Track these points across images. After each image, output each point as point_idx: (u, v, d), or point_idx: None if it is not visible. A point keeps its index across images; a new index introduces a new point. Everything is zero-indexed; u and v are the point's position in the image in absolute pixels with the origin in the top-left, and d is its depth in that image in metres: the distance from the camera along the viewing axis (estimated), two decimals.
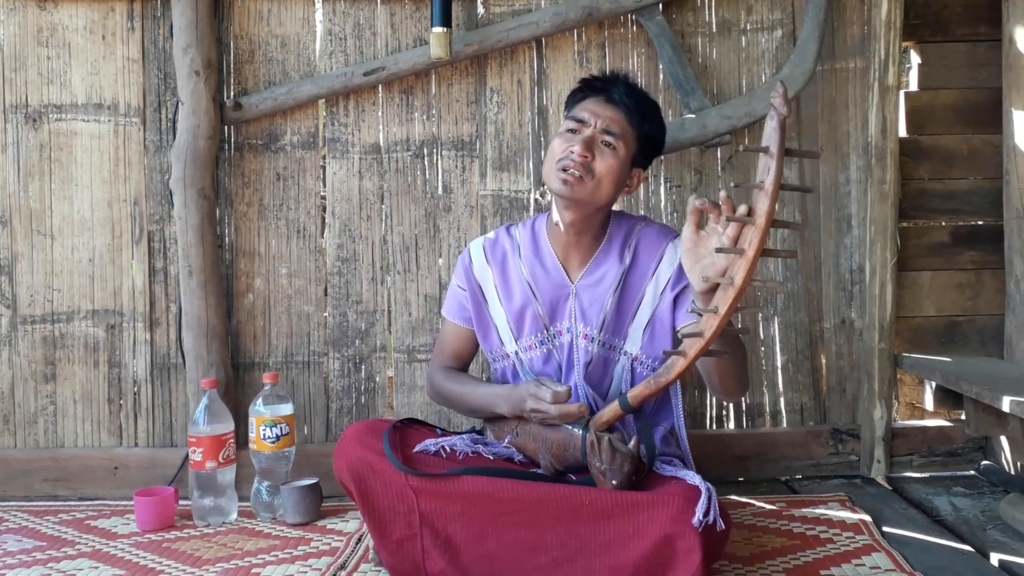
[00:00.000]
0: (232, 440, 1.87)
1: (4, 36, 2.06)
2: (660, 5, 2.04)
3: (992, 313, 2.11)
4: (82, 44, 2.07)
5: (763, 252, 1.25)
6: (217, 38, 2.04)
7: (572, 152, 1.52)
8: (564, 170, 1.52)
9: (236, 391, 2.08)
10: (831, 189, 2.11)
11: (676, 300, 1.60)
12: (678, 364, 1.37)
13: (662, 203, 2.12)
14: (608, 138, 1.54)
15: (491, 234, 1.74)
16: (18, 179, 2.07)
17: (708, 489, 1.33)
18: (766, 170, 1.24)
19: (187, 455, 1.89)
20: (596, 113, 1.55)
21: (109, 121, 2.07)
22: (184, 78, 1.99)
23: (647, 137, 1.59)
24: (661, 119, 1.63)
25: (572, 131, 1.55)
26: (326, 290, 2.13)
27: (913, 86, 2.14)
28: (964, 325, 2.12)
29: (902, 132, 2.08)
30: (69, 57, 2.07)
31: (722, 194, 1.28)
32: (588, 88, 1.61)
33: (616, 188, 1.56)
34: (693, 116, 2.02)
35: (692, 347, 1.34)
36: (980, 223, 2.11)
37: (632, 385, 1.62)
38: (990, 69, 2.08)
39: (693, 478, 1.40)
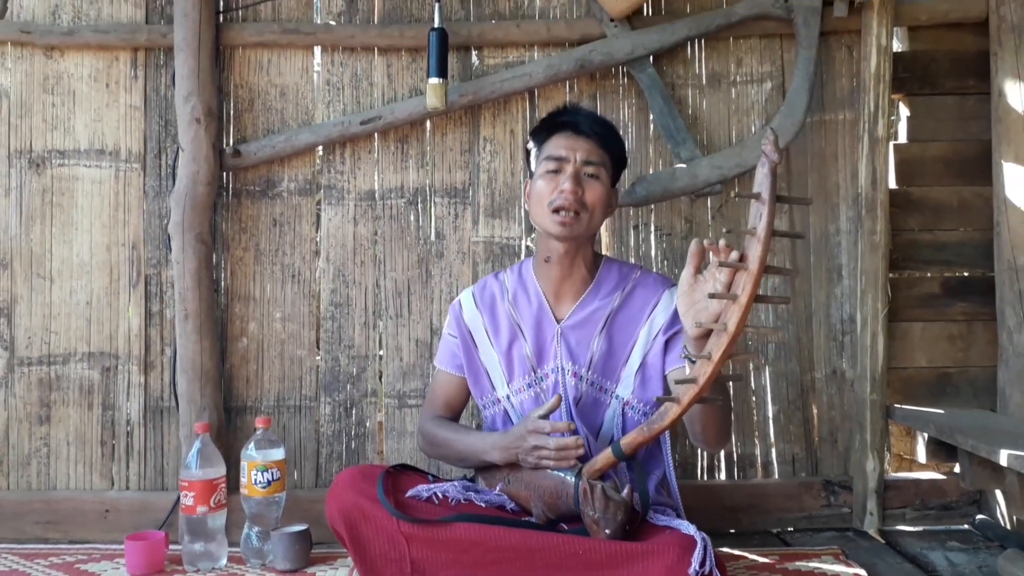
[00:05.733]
0: (223, 485, 1.87)
1: (11, 84, 2.11)
2: (651, 57, 2.07)
3: (984, 365, 2.09)
4: (86, 91, 2.12)
5: (756, 298, 1.26)
6: (218, 87, 2.08)
7: (563, 192, 1.56)
8: (558, 211, 1.56)
9: (228, 435, 2.08)
10: (821, 239, 2.12)
11: (667, 344, 1.62)
12: (672, 411, 1.37)
13: (652, 251, 2.13)
14: (590, 168, 1.59)
15: (479, 281, 1.78)
16: (20, 223, 2.11)
17: (704, 539, 1.32)
18: (758, 216, 1.26)
19: (178, 499, 1.89)
20: (572, 147, 1.59)
21: (110, 167, 2.12)
22: (185, 125, 2.03)
23: (617, 157, 1.67)
24: (620, 136, 1.70)
25: (554, 171, 1.59)
26: (319, 335, 2.15)
27: (903, 138, 2.16)
28: (956, 377, 2.11)
29: (892, 183, 2.09)
30: (73, 104, 2.12)
31: (721, 242, 1.30)
32: (554, 125, 1.64)
33: (605, 213, 1.63)
34: (684, 166, 2.05)
35: (686, 394, 1.34)
36: (971, 275, 2.11)
37: (623, 429, 1.63)
38: (979, 122, 2.09)
39: (688, 528, 1.39)
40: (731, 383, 1.70)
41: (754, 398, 2.12)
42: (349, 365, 2.13)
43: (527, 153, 1.71)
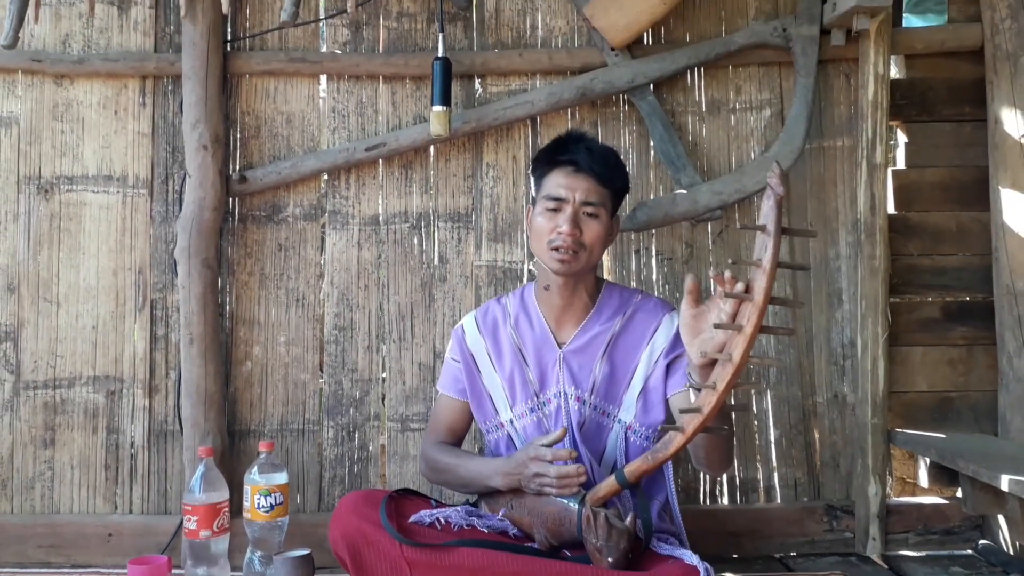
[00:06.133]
0: (227, 509, 1.87)
1: (21, 111, 2.15)
2: (651, 85, 2.10)
3: (985, 389, 2.10)
4: (95, 119, 2.15)
5: (761, 329, 1.27)
6: (225, 114, 2.12)
7: (561, 233, 1.57)
8: (557, 250, 1.57)
9: (231, 459, 2.09)
10: (821, 264, 2.13)
11: (669, 367, 1.63)
12: (676, 440, 1.37)
13: (654, 275, 2.15)
14: (589, 208, 1.59)
15: (482, 306, 1.79)
16: (28, 248, 2.13)
17: (707, 570, 1.32)
18: (763, 248, 1.28)
19: (181, 523, 1.89)
20: (571, 187, 1.59)
21: (118, 192, 2.14)
22: (192, 152, 2.06)
23: (619, 189, 1.66)
24: (623, 164, 1.68)
25: (553, 210, 1.59)
26: (322, 358, 2.16)
27: (901, 164, 2.18)
28: (957, 401, 2.12)
29: (891, 209, 2.11)
30: (82, 131, 2.15)
31: (727, 273, 1.31)
32: (554, 159, 1.63)
33: (605, 245, 1.64)
34: (684, 191, 2.07)
35: (690, 423, 1.35)
36: (970, 299, 2.12)
37: (626, 453, 1.64)
38: (976, 148, 2.12)
39: (691, 558, 1.39)
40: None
41: (756, 422, 2.12)
42: (352, 389, 2.14)
43: (530, 178, 1.73)
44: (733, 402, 1.38)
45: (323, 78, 2.17)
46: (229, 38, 2.13)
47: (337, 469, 2.14)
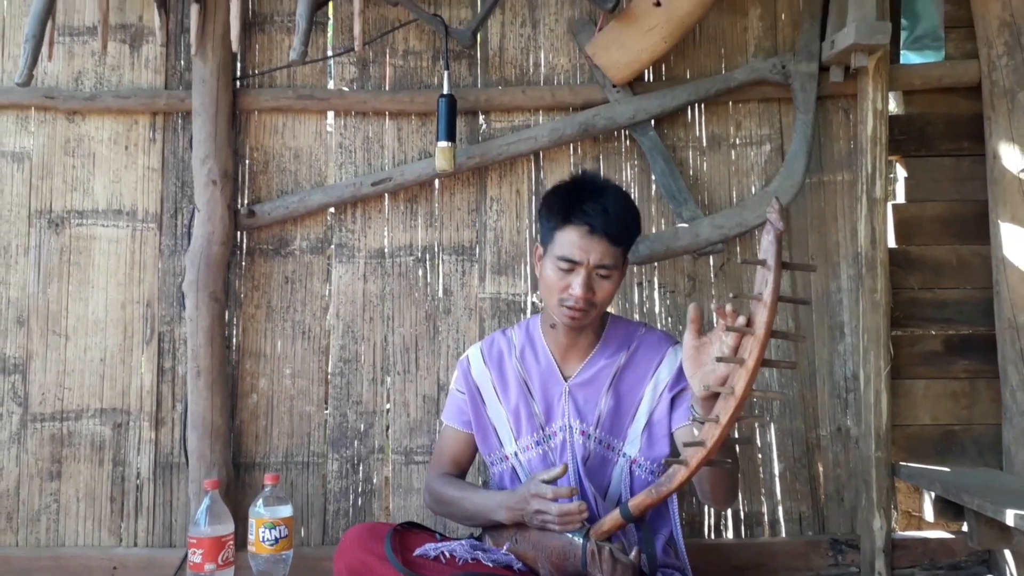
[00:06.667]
0: (232, 542, 1.88)
1: (34, 146, 2.19)
2: (652, 121, 2.14)
3: (989, 423, 2.10)
4: (106, 154, 2.19)
5: (763, 363, 1.28)
6: (234, 149, 2.15)
7: (573, 294, 1.55)
8: (568, 308, 1.57)
9: (236, 491, 2.10)
10: (823, 297, 2.15)
11: (673, 401, 1.63)
12: (680, 474, 1.38)
13: (656, 308, 2.16)
14: (603, 271, 1.57)
15: (487, 338, 1.80)
16: (38, 281, 2.16)
17: None
18: (764, 282, 1.29)
19: (186, 556, 1.90)
20: (586, 250, 1.55)
21: (127, 226, 2.17)
22: (201, 187, 2.09)
23: (631, 239, 1.64)
24: (637, 213, 1.64)
25: (566, 270, 1.57)
26: (327, 390, 2.17)
27: (901, 198, 2.20)
28: (961, 434, 2.12)
29: (891, 242, 2.13)
30: (93, 166, 2.19)
31: (728, 306, 1.32)
32: (569, 214, 1.57)
33: (613, 296, 1.63)
34: (686, 225, 2.09)
35: (694, 456, 1.35)
36: (972, 332, 2.13)
37: (631, 487, 1.64)
38: (975, 183, 2.14)
39: None
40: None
41: (760, 456, 2.12)
42: (357, 421, 2.15)
43: (538, 215, 1.69)
44: (736, 435, 1.38)
45: (330, 114, 2.21)
46: (238, 75, 2.17)
47: (341, 502, 2.14)
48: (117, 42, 2.19)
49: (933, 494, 2.05)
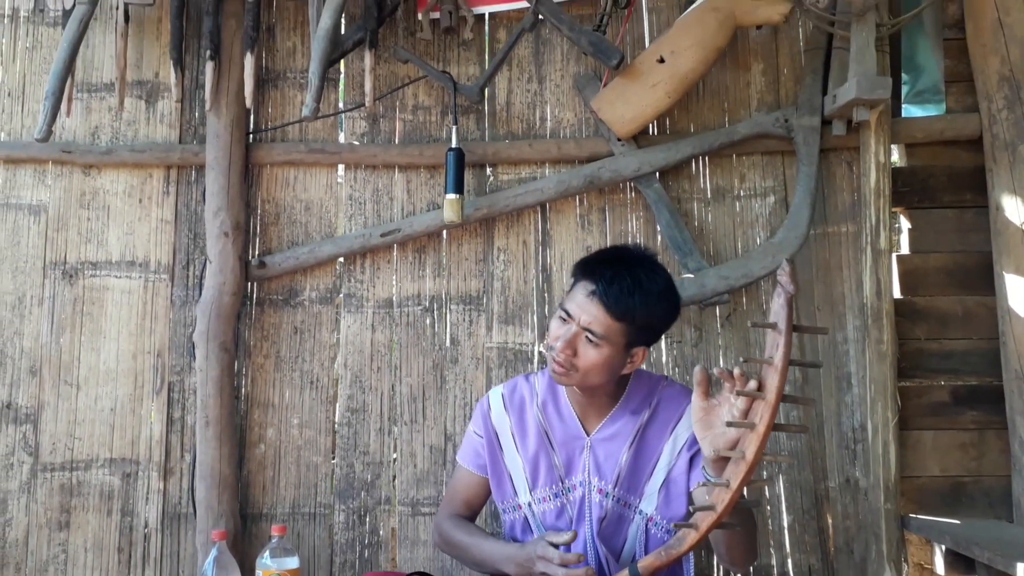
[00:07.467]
0: None
1: (50, 199, 2.23)
2: (657, 174, 2.17)
3: (998, 474, 2.09)
4: (120, 206, 2.23)
5: (774, 427, 1.28)
6: (246, 202, 2.19)
7: (556, 345, 1.56)
8: (552, 358, 1.58)
9: (243, 542, 2.10)
10: (829, 348, 2.15)
11: (692, 460, 1.62)
12: (690, 537, 1.37)
13: (663, 358, 2.17)
14: (592, 337, 1.53)
15: (510, 381, 1.78)
16: (51, 331, 2.19)
17: None
18: (775, 346, 1.29)
19: None
20: (581, 309, 1.54)
21: (140, 277, 2.21)
22: (213, 239, 2.13)
23: (641, 327, 1.56)
24: (658, 300, 1.55)
25: (563, 319, 1.58)
26: (335, 440, 2.18)
27: (905, 249, 2.21)
28: (970, 486, 2.10)
29: (897, 293, 2.14)
30: (107, 218, 2.23)
31: (736, 370, 1.31)
32: (583, 274, 1.58)
33: (610, 372, 1.57)
34: (692, 276, 2.11)
35: (704, 520, 1.35)
36: (979, 383, 2.12)
37: (646, 546, 1.63)
38: (978, 234, 2.15)
39: None
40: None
41: (769, 508, 2.11)
42: (364, 471, 2.16)
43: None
44: (746, 497, 1.38)
45: (341, 167, 2.25)
46: (251, 130, 2.22)
47: (348, 554, 2.13)
48: (134, 98, 2.24)
49: (944, 547, 2.03)
